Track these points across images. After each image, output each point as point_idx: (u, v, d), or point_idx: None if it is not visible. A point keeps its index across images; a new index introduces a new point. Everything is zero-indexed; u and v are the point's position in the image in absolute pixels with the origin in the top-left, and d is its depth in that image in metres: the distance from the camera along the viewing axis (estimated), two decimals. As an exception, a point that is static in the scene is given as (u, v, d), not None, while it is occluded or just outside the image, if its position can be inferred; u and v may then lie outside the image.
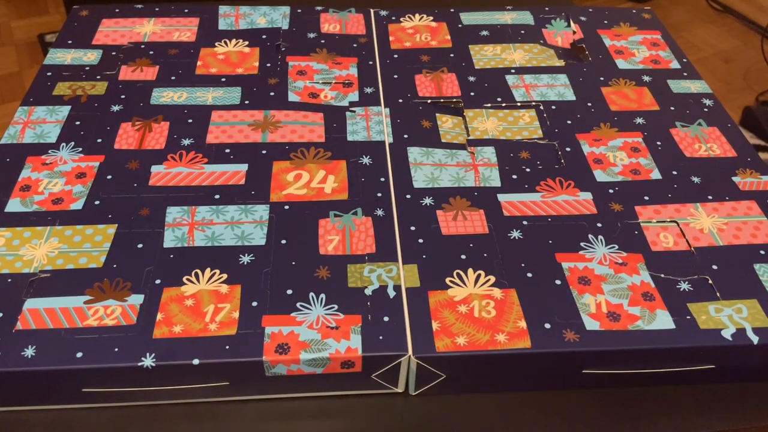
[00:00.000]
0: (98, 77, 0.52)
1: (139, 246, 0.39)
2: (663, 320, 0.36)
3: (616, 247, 0.40)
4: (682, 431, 0.36)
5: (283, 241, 0.40)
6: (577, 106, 0.51)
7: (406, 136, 0.48)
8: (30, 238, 0.39)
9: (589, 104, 0.51)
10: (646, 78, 0.54)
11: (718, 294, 0.38)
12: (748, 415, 0.37)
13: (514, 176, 0.45)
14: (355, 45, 0.57)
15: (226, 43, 0.56)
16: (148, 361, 0.33)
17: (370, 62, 0.55)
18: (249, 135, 0.47)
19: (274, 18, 0.60)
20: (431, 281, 0.38)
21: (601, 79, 0.54)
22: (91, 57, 0.54)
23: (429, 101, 0.51)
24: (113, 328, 0.35)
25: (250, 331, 0.35)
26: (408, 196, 0.43)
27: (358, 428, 0.35)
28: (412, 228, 0.41)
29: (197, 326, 0.35)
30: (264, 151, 0.46)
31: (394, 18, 0.61)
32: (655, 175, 0.45)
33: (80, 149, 0.46)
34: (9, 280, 0.37)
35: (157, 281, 0.37)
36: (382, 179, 0.44)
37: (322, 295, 0.37)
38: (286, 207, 0.42)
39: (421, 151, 0.47)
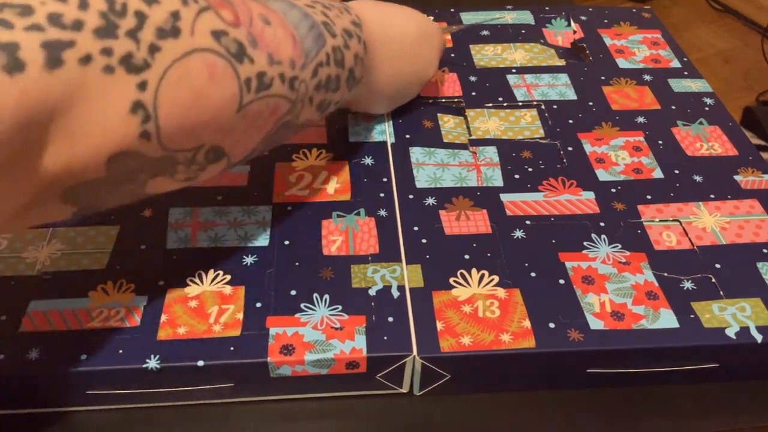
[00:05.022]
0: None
1: (142, 247, 0.39)
2: (667, 319, 0.36)
3: (619, 246, 0.40)
4: (685, 431, 0.36)
5: (286, 242, 0.40)
6: (578, 106, 0.51)
7: (407, 136, 0.48)
8: (32, 240, 0.39)
9: (591, 103, 0.51)
10: (647, 77, 0.54)
11: (721, 293, 0.38)
12: (752, 415, 0.37)
13: (517, 176, 0.45)
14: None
15: (227, 44, 0.56)
16: (152, 363, 0.33)
17: (372, 63, 0.55)
18: (251, 136, 0.47)
19: (274, 19, 0.60)
20: (435, 281, 0.38)
21: (602, 78, 0.54)
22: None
23: (430, 101, 0.51)
24: (117, 329, 0.35)
25: (254, 332, 0.35)
26: (411, 197, 0.43)
27: (363, 429, 0.35)
28: (416, 228, 0.41)
29: (201, 327, 0.35)
30: (266, 153, 0.46)
31: (394, 18, 0.61)
32: (657, 174, 0.45)
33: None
34: (12, 282, 0.37)
35: (161, 282, 0.37)
36: (385, 179, 0.44)
37: (326, 296, 0.37)
38: (289, 208, 0.42)
39: (423, 151, 0.47)
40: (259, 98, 0.30)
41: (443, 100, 0.51)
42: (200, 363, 0.33)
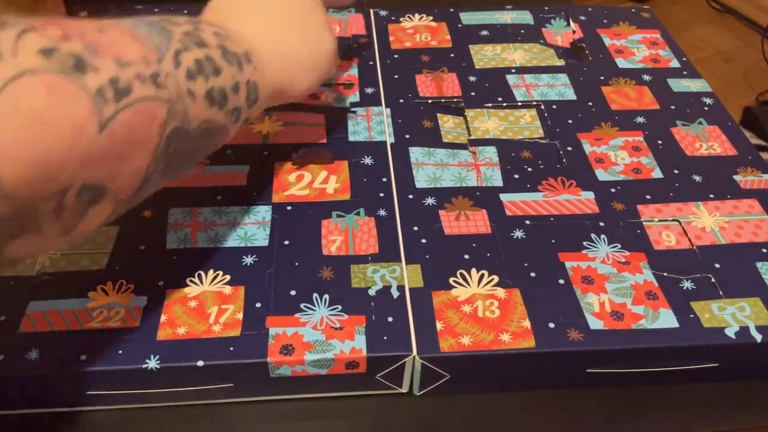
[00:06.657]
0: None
1: (142, 247, 0.39)
2: (666, 319, 0.36)
3: (619, 246, 0.40)
4: (685, 430, 0.36)
5: (286, 242, 0.40)
6: (577, 106, 0.51)
7: (407, 136, 0.48)
8: (32, 241, 0.39)
9: (590, 103, 0.51)
10: (646, 77, 0.54)
11: (721, 292, 0.38)
12: (751, 415, 0.37)
13: (516, 176, 0.45)
14: (355, 45, 0.57)
15: (226, 44, 0.56)
16: (152, 363, 0.33)
17: (371, 62, 0.55)
18: (250, 136, 0.47)
19: (274, 19, 0.60)
20: (435, 281, 0.38)
21: (602, 78, 0.54)
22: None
23: (430, 101, 0.51)
24: (117, 330, 0.35)
25: (254, 333, 0.35)
26: (410, 197, 0.43)
27: (363, 429, 0.35)
28: (415, 228, 0.41)
29: (201, 328, 0.35)
30: (265, 152, 0.46)
31: (393, 18, 0.61)
32: (657, 174, 0.45)
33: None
34: (12, 282, 0.37)
35: (160, 283, 0.37)
36: (384, 179, 0.44)
37: (326, 296, 0.37)
38: (289, 208, 0.42)
39: (422, 151, 0.47)
40: (124, 107, 0.26)
41: (443, 101, 0.51)
42: (200, 363, 0.33)
